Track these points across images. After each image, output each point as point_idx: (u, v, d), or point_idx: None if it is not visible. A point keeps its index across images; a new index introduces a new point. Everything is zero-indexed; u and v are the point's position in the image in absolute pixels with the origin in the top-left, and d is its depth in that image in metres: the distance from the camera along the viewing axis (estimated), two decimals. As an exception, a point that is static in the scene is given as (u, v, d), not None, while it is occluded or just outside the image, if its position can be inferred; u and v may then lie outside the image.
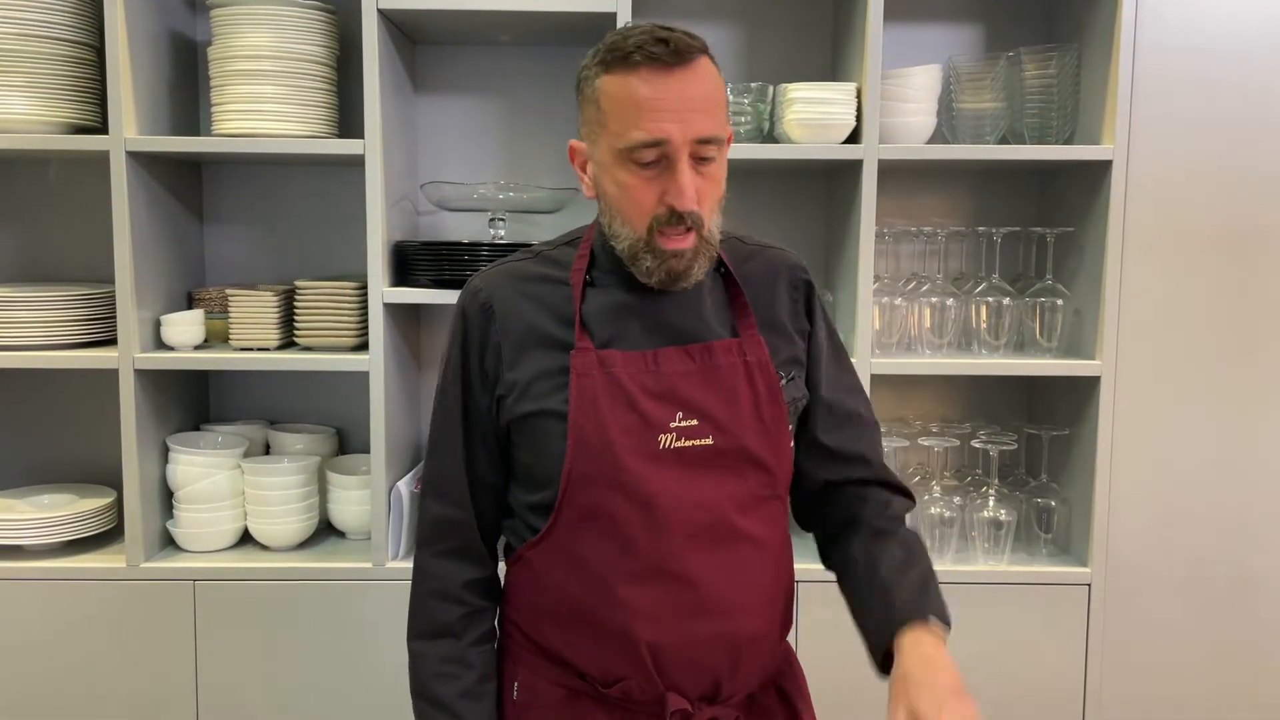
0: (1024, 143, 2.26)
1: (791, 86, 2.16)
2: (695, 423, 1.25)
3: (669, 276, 1.23)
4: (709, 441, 1.26)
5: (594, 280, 1.30)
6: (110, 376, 2.21)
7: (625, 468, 1.22)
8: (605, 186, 1.25)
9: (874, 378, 2.18)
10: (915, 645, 1.18)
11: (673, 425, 1.24)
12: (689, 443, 1.25)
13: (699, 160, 1.21)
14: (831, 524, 1.43)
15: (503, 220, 2.32)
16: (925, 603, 1.24)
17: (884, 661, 1.23)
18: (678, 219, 1.20)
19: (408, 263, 2.22)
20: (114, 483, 2.39)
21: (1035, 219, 2.48)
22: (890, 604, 1.25)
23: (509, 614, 1.38)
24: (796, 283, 1.40)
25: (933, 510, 2.24)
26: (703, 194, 1.21)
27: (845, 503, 1.41)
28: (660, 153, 1.19)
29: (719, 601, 1.26)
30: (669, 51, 1.17)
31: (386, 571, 2.18)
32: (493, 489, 1.35)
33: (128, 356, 2.14)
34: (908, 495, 1.45)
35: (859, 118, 2.16)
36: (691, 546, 1.25)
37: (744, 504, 1.28)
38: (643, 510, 1.23)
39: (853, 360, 2.16)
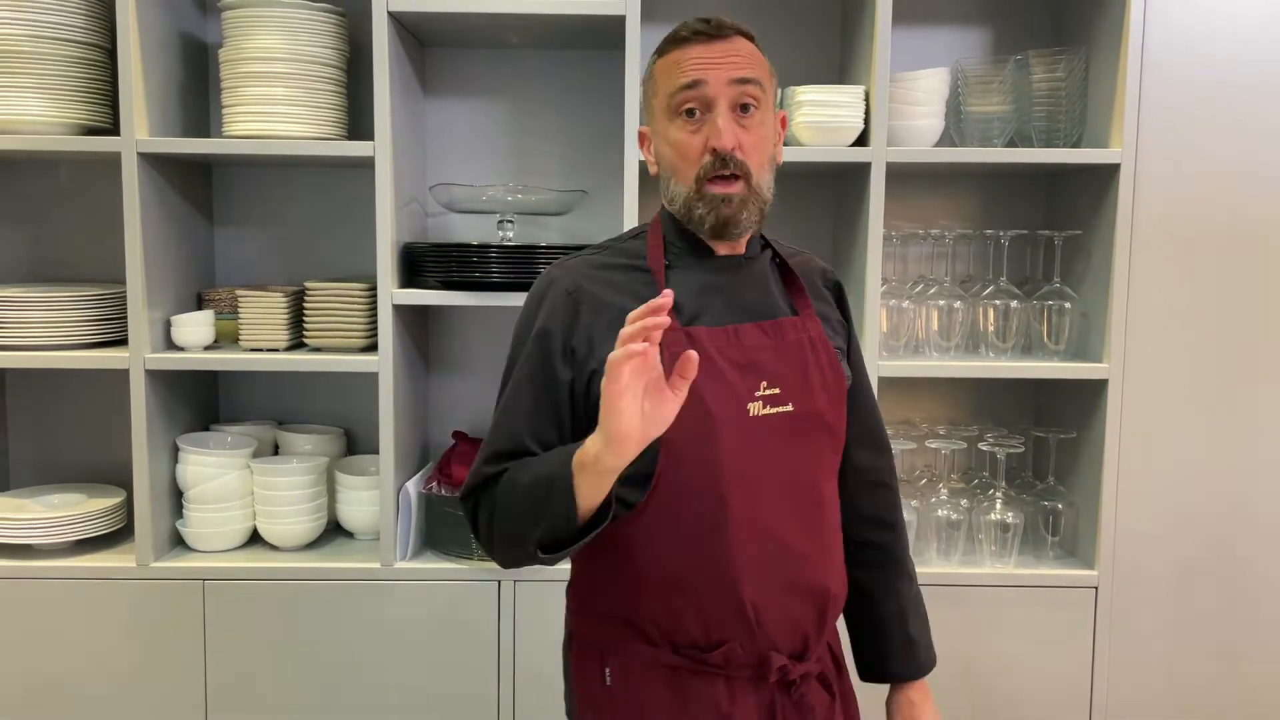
0: (1032, 146, 2.26)
1: (800, 89, 2.16)
2: (777, 391, 1.35)
3: (719, 222, 1.32)
4: (789, 409, 1.35)
5: (671, 263, 1.38)
6: (121, 377, 2.22)
7: (721, 434, 1.30)
8: (661, 151, 1.36)
9: (881, 380, 2.18)
10: (922, 685, 1.55)
11: (758, 394, 1.33)
12: (773, 410, 1.34)
13: (741, 110, 1.31)
14: (856, 521, 1.54)
15: (511, 222, 2.33)
16: (932, 656, 1.56)
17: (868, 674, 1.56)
18: (721, 163, 1.29)
19: (417, 264, 2.23)
20: (124, 482, 2.40)
21: (1043, 222, 2.48)
22: (913, 657, 1.53)
23: (594, 605, 1.39)
24: (829, 284, 1.52)
25: (940, 513, 2.25)
26: (746, 145, 1.31)
27: (871, 510, 1.56)
28: (701, 99, 1.30)
29: (808, 561, 1.36)
30: (710, 26, 1.32)
31: (395, 572, 2.18)
32: None
33: (138, 357, 2.15)
34: (891, 488, 1.60)
35: (867, 121, 2.16)
36: (782, 509, 1.34)
37: (821, 467, 1.40)
38: (739, 474, 1.31)
39: (860, 362, 2.17)
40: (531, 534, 1.24)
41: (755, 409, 1.32)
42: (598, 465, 1.18)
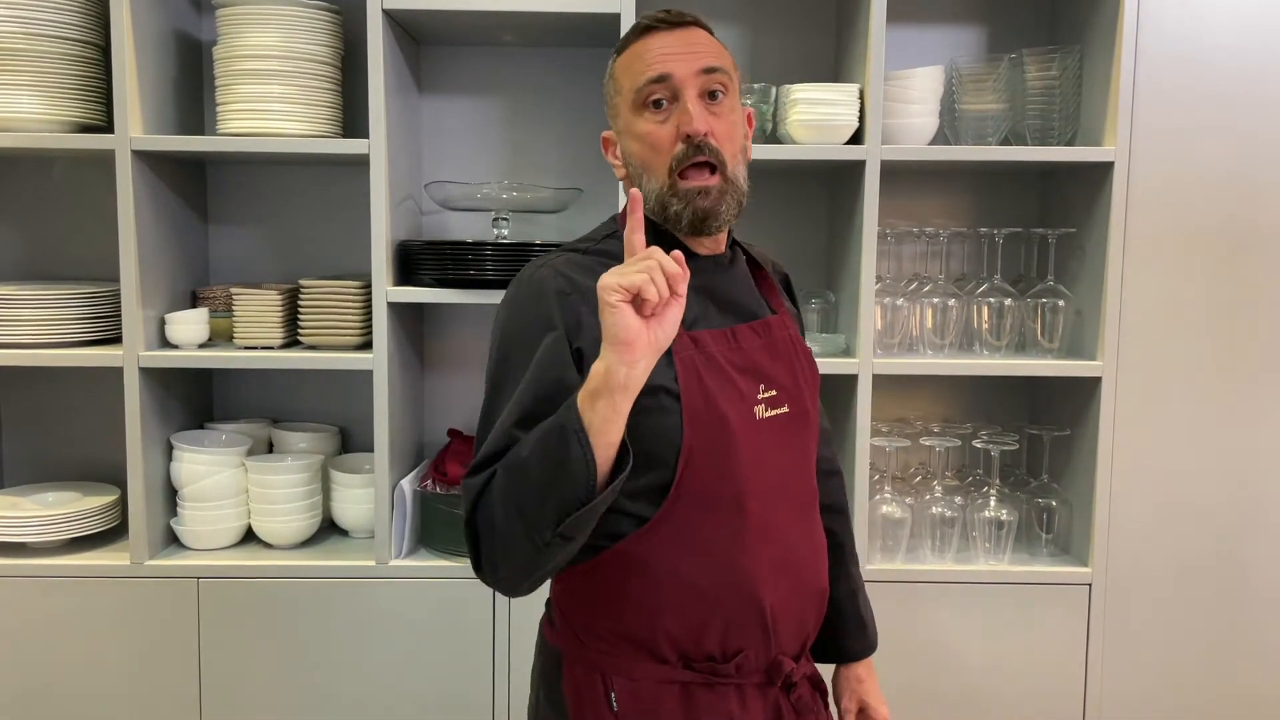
0: (1026, 144, 2.26)
1: (795, 87, 2.16)
2: (774, 393, 1.33)
3: (696, 216, 1.28)
4: (785, 410, 1.34)
5: None
6: (115, 374, 2.21)
7: (737, 441, 1.27)
8: (630, 148, 1.32)
9: (876, 378, 2.19)
10: (868, 663, 1.59)
11: (760, 397, 1.32)
12: (773, 412, 1.33)
13: (709, 97, 1.28)
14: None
15: (506, 220, 2.33)
16: (877, 634, 1.61)
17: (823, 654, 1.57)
18: (695, 150, 1.25)
19: (411, 262, 2.23)
20: (118, 480, 2.40)
21: (1037, 220, 2.48)
22: (865, 637, 1.58)
23: (595, 624, 1.31)
24: (779, 276, 1.52)
25: (934, 510, 2.25)
26: (718, 132, 1.27)
27: (827, 498, 1.56)
28: (669, 90, 1.27)
29: (809, 560, 1.37)
30: (669, 17, 1.30)
31: (389, 570, 2.18)
32: None
33: (132, 355, 2.15)
34: (840, 474, 1.64)
35: (862, 119, 2.16)
36: (789, 512, 1.34)
37: (811, 467, 1.41)
38: (755, 482, 1.28)
39: (855, 360, 2.19)
40: (547, 510, 1.12)
41: (760, 412, 1.31)
42: (609, 381, 1.09)
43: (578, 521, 1.13)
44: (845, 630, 1.56)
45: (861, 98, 2.16)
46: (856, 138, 2.19)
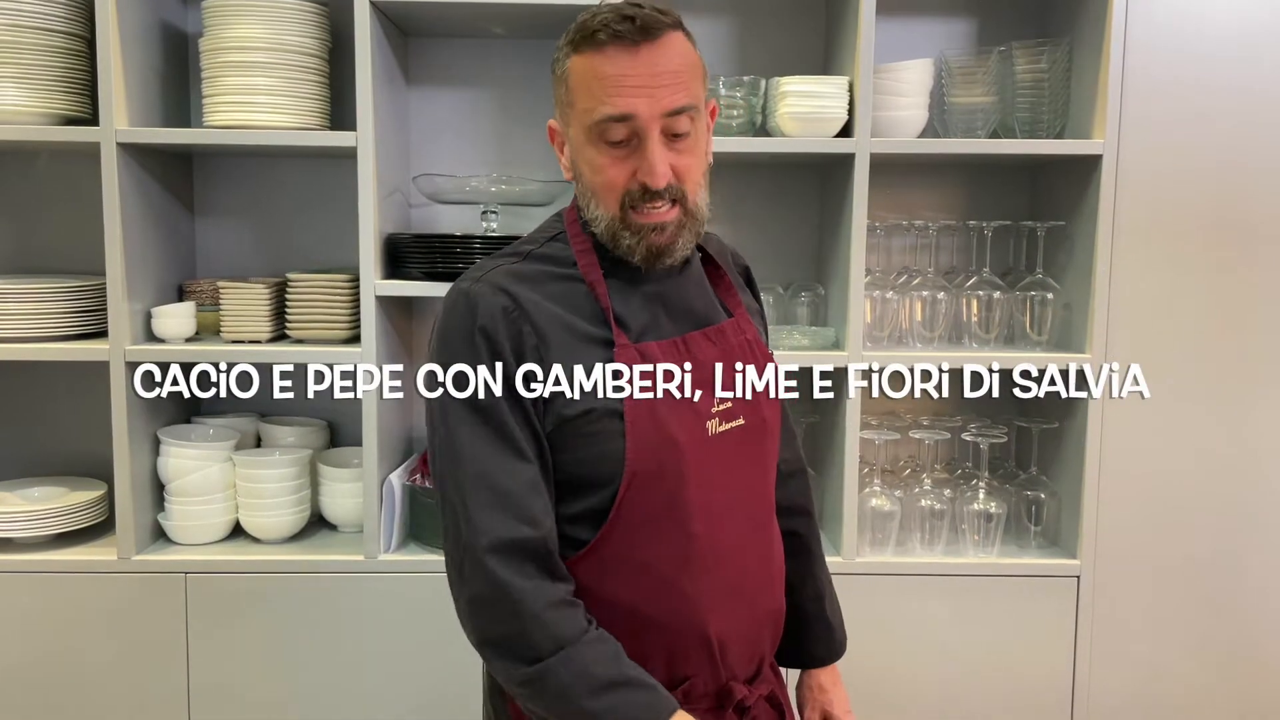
0: (1015, 137, 2.26)
1: (784, 80, 2.16)
2: (729, 405, 1.27)
3: (650, 252, 1.22)
4: (741, 422, 1.28)
5: (606, 271, 1.26)
6: (101, 369, 2.20)
7: (687, 460, 1.21)
8: (579, 167, 1.24)
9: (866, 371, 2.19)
10: (832, 670, 1.51)
11: (714, 410, 1.25)
12: (728, 425, 1.26)
13: (673, 136, 1.18)
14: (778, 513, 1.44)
15: (495, 213, 2.32)
16: (845, 637, 1.53)
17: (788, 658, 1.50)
18: (652, 194, 1.18)
19: (400, 255, 2.22)
20: (105, 475, 2.38)
21: (1026, 213, 2.48)
22: (830, 641, 1.51)
23: None
24: (740, 268, 1.46)
25: (923, 503, 2.25)
26: (681, 169, 1.19)
27: (788, 500, 1.49)
28: (629, 129, 1.17)
29: (762, 582, 1.31)
30: (635, 28, 1.15)
31: (378, 564, 2.18)
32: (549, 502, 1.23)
33: (119, 349, 2.13)
34: (804, 474, 1.55)
35: (851, 112, 2.16)
36: (741, 533, 1.28)
37: (769, 481, 1.34)
38: (703, 502, 1.23)
39: (844, 353, 2.18)
40: None
41: (713, 427, 1.24)
42: None
43: None
44: (810, 635, 1.50)
45: (851, 90, 2.16)
46: (846, 130, 2.18)
